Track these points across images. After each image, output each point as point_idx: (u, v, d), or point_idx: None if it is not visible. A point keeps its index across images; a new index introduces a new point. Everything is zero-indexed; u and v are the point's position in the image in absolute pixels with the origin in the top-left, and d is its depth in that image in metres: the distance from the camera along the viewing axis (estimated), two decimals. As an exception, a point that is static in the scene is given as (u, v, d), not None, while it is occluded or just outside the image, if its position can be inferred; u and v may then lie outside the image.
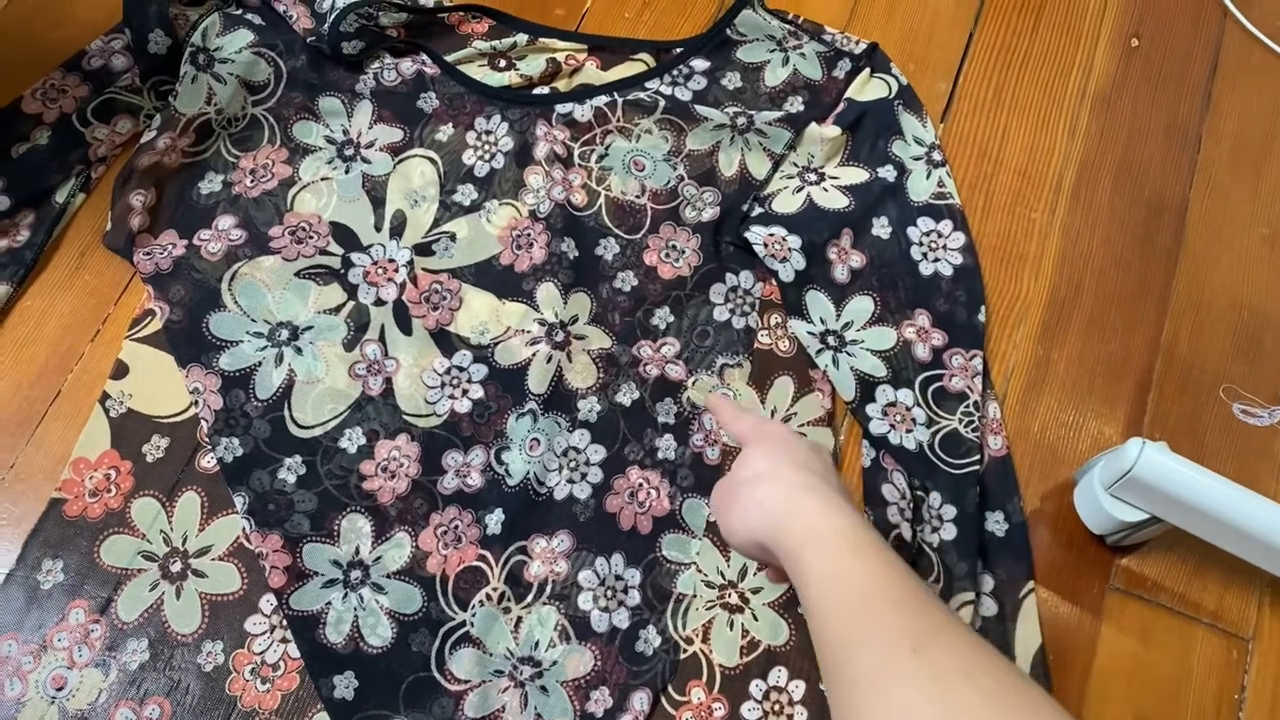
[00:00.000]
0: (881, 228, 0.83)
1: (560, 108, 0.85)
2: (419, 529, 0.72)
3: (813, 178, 0.84)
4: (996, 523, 0.75)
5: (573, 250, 0.80)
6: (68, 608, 0.69)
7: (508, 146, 0.83)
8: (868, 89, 0.87)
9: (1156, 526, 0.71)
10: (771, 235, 0.81)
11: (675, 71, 0.88)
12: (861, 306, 0.80)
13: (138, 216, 0.78)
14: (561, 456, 0.75)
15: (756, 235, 0.81)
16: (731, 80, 0.88)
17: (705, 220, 0.83)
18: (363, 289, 0.78)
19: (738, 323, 0.80)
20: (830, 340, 0.79)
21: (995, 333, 0.82)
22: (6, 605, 0.68)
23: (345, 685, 0.68)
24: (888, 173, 0.84)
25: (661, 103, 0.85)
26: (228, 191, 0.81)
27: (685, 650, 0.71)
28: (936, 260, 0.82)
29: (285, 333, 0.76)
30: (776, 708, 0.70)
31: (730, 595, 0.72)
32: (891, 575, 0.51)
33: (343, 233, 0.80)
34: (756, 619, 0.72)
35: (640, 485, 0.75)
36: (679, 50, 0.89)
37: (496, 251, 0.80)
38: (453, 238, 0.81)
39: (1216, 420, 0.80)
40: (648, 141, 0.85)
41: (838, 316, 0.80)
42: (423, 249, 0.80)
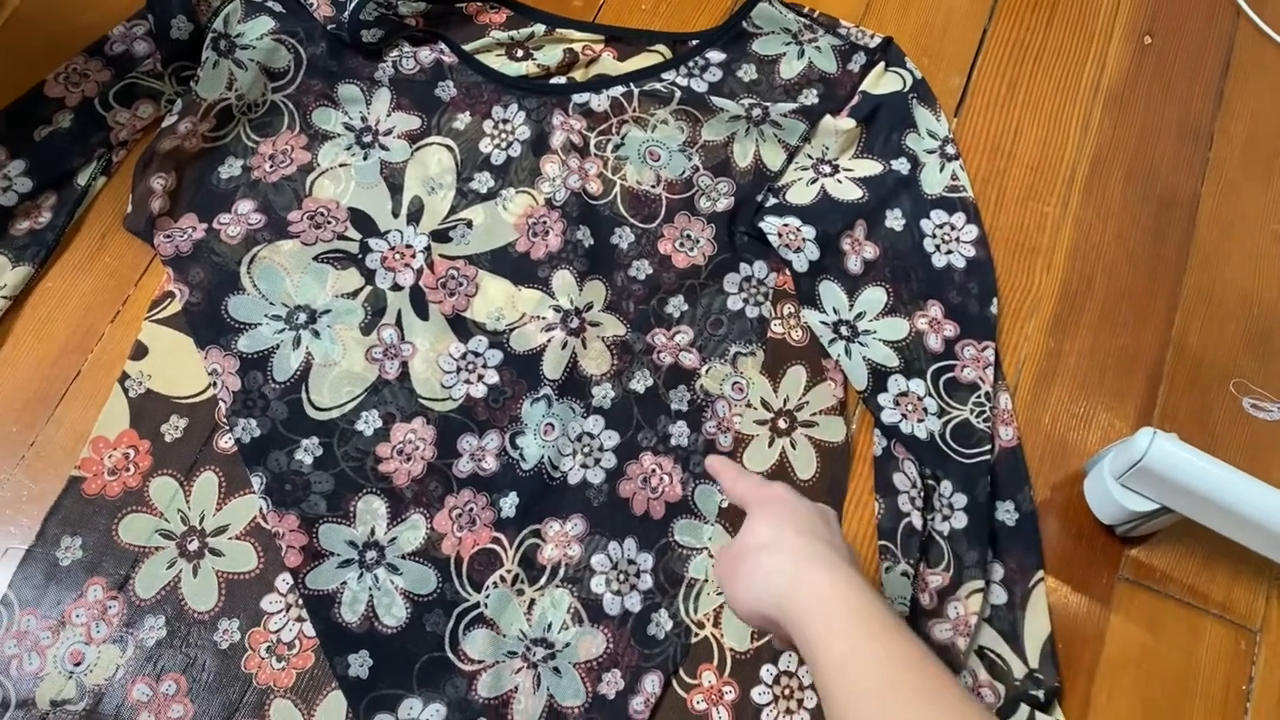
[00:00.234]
0: (895, 220, 0.83)
1: (577, 97, 0.86)
2: (434, 511, 0.73)
3: (827, 169, 0.85)
4: (1007, 512, 0.75)
5: (588, 238, 0.81)
6: (86, 584, 0.69)
7: (524, 135, 0.84)
8: (882, 82, 0.88)
9: (1166, 517, 0.71)
10: (786, 225, 0.81)
11: (691, 63, 0.88)
12: (874, 297, 0.81)
13: (158, 200, 0.79)
14: (575, 441, 0.75)
15: (771, 225, 0.82)
16: (747, 72, 0.89)
17: (720, 210, 0.83)
18: (380, 274, 0.79)
19: (751, 312, 0.80)
20: (843, 330, 0.80)
21: (1007, 325, 0.82)
22: (26, 581, 0.69)
23: (360, 664, 0.68)
24: (901, 165, 0.85)
25: (677, 94, 0.86)
26: (247, 176, 0.81)
27: (697, 634, 0.71)
28: (949, 252, 0.83)
29: (303, 316, 0.77)
30: (786, 692, 0.70)
31: (742, 580, 0.73)
32: (912, 661, 0.49)
33: (361, 218, 0.81)
34: (768, 604, 0.72)
35: (653, 471, 0.75)
36: (695, 42, 0.89)
37: (512, 239, 0.81)
38: (469, 224, 0.81)
39: (1226, 414, 0.81)
40: (663, 132, 0.85)
41: (851, 307, 0.80)
42: (440, 235, 0.81)
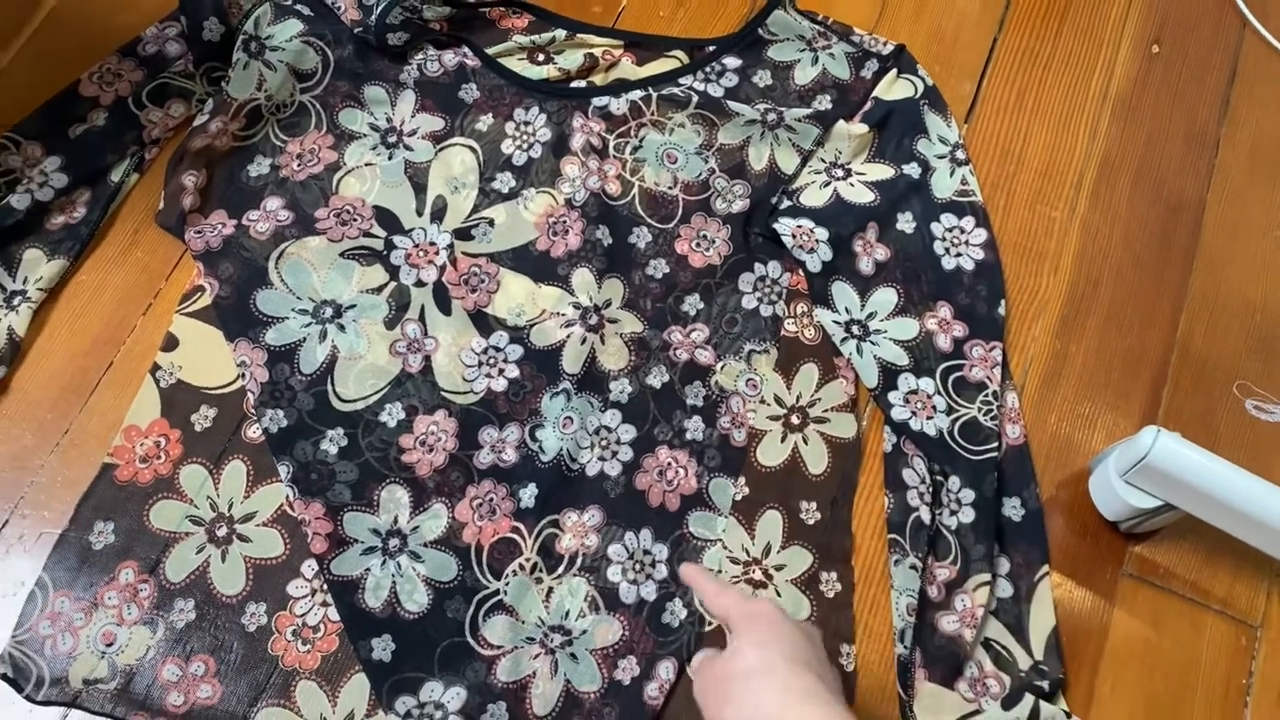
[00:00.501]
0: (906, 222, 0.85)
1: (596, 101, 0.88)
2: (455, 501, 0.75)
3: (840, 173, 0.87)
4: (1013, 508, 0.77)
5: (607, 238, 0.83)
6: (118, 568, 0.71)
7: (545, 137, 0.86)
8: (894, 89, 0.90)
9: (1169, 514, 0.73)
10: (800, 227, 0.83)
11: (708, 68, 0.90)
12: (885, 298, 0.83)
13: (189, 196, 0.81)
14: (594, 435, 0.77)
15: (785, 227, 0.84)
16: (762, 78, 0.91)
17: (735, 212, 0.85)
18: (404, 270, 0.81)
19: (765, 311, 0.83)
20: (855, 329, 0.82)
21: (1015, 326, 0.84)
22: (60, 564, 0.71)
23: (383, 648, 0.70)
24: (913, 170, 0.87)
25: (694, 98, 0.88)
26: (275, 174, 0.84)
27: (710, 623, 0.73)
28: (959, 255, 0.85)
29: (329, 310, 0.79)
30: (797, 680, 0.72)
31: (754, 571, 0.75)
32: None
33: (385, 216, 0.83)
34: (779, 594, 0.74)
35: (669, 464, 0.77)
36: (712, 48, 0.92)
37: (533, 237, 0.83)
38: (491, 223, 0.83)
39: (1229, 415, 0.82)
40: (680, 135, 0.88)
41: (862, 307, 0.82)
42: (462, 233, 0.83)
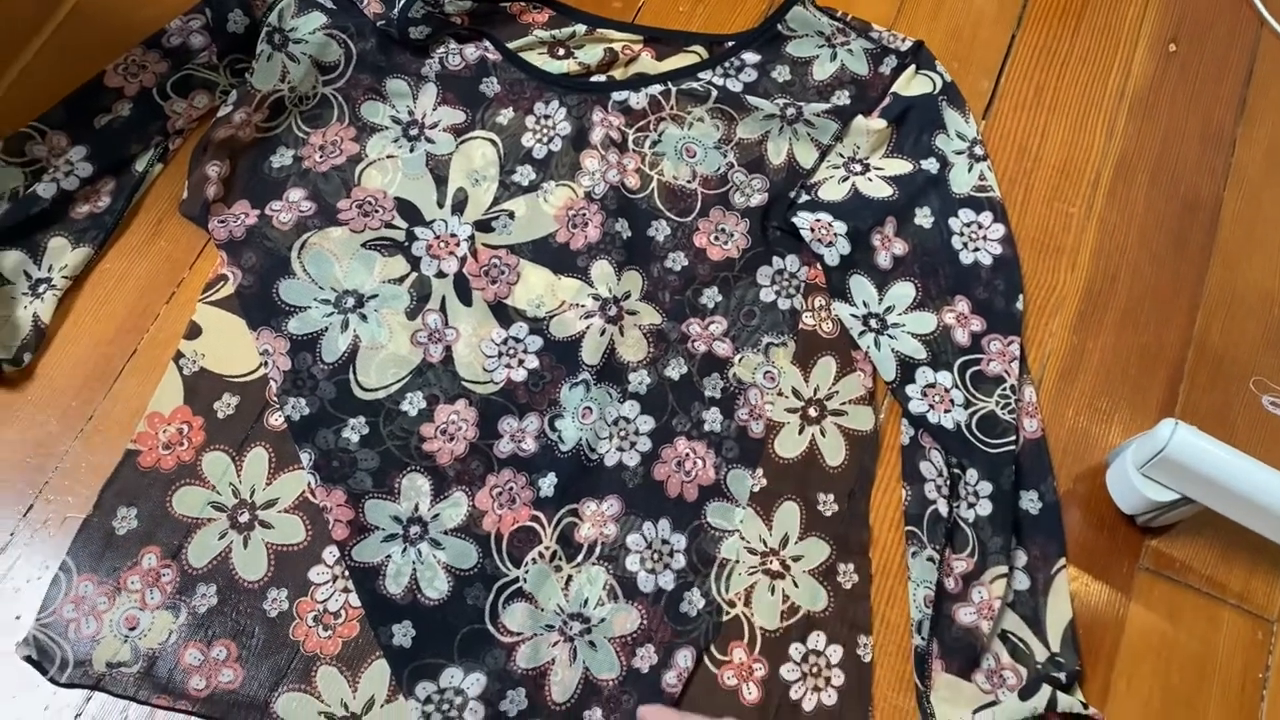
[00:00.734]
0: (924, 217, 0.86)
1: (616, 95, 0.88)
2: (475, 489, 0.75)
3: (858, 168, 0.87)
4: (1031, 501, 0.77)
5: (626, 230, 0.83)
6: (141, 553, 0.72)
7: (565, 131, 0.87)
8: (913, 85, 0.91)
9: (1186, 507, 0.73)
10: (818, 221, 0.84)
11: (727, 64, 0.91)
12: (903, 291, 0.83)
13: (213, 186, 0.82)
14: (612, 425, 0.78)
15: (804, 220, 0.84)
16: (781, 73, 0.91)
17: (754, 205, 0.86)
18: (425, 261, 0.82)
19: (783, 304, 0.83)
20: (872, 323, 0.82)
21: (1032, 321, 0.85)
22: (84, 548, 0.72)
23: (403, 634, 0.71)
24: (930, 165, 0.87)
25: (714, 93, 0.88)
26: (298, 165, 0.84)
27: (728, 612, 0.74)
28: (976, 250, 0.85)
29: (351, 300, 0.80)
30: (815, 670, 0.72)
31: (772, 562, 0.75)
32: None
33: (407, 208, 0.84)
34: (797, 585, 0.74)
35: (687, 455, 0.78)
36: (731, 43, 0.92)
37: (553, 230, 0.84)
38: (511, 215, 0.84)
39: (1246, 410, 0.83)
40: (699, 129, 0.88)
41: (880, 300, 0.83)
42: (483, 225, 0.83)
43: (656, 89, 0.89)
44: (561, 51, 0.91)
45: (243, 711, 0.69)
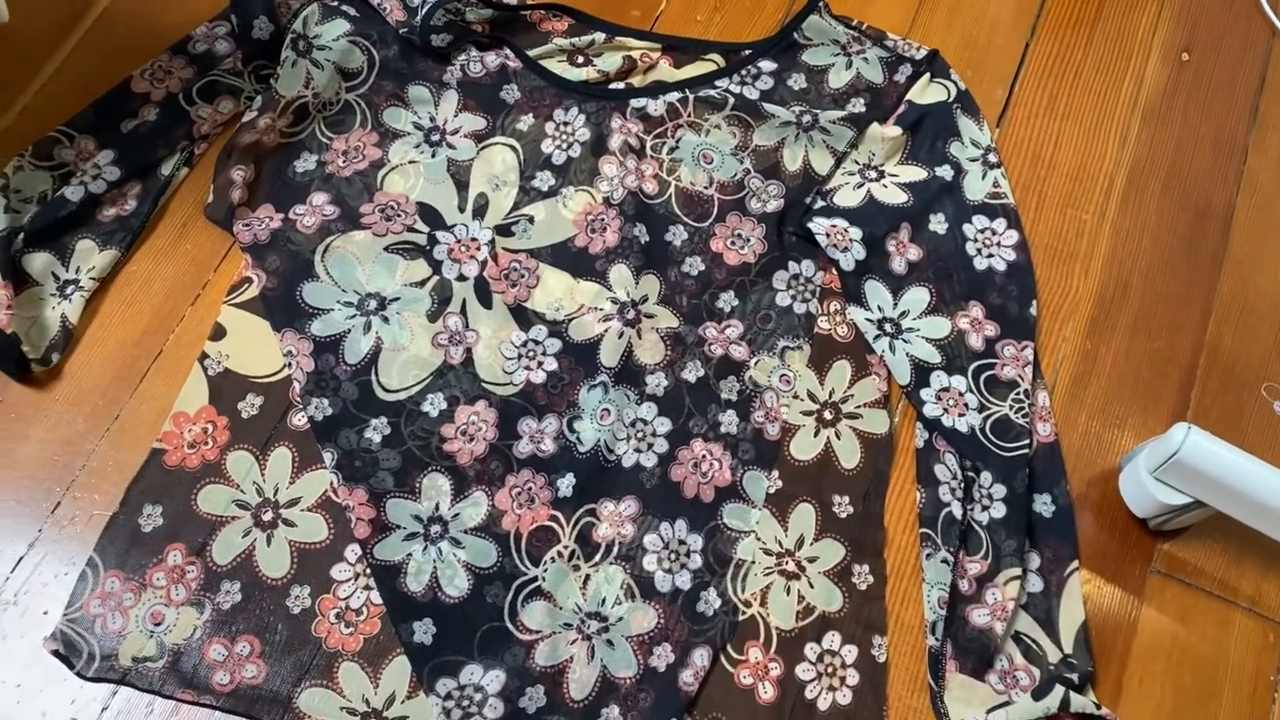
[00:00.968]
0: (938, 223, 0.87)
1: (634, 102, 0.90)
2: (495, 489, 0.76)
3: (873, 174, 0.89)
4: (1044, 504, 0.78)
5: (644, 235, 0.85)
6: (166, 550, 0.73)
7: (584, 137, 0.88)
8: (928, 93, 0.92)
9: (1198, 511, 0.74)
10: (834, 226, 0.85)
11: (744, 71, 0.92)
12: (918, 297, 0.84)
13: (238, 190, 0.83)
14: (630, 427, 0.79)
15: (819, 226, 0.85)
16: (797, 81, 0.92)
17: (770, 211, 0.87)
18: (447, 265, 0.83)
19: (799, 308, 0.84)
20: (887, 327, 0.83)
21: (1046, 326, 0.86)
22: (111, 545, 0.73)
23: (424, 631, 0.72)
24: (945, 172, 0.88)
25: (731, 100, 0.90)
26: (321, 170, 0.86)
27: (744, 612, 0.74)
28: (990, 256, 0.86)
29: (373, 303, 0.81)
30: (830, 670, 0.73)
31: (787, 563, 0.76)
32: None
33: (428, 212, 0.85)
34: (812, 586, 0.75)
35: (704, 457, 0.79)
36: (748, 52, 0.93)
37: (572, 234, 0.85)
38: (531, 220, 0.85)
39: (1258, 416, 0.83)
40: (716, 136, 0.89)
41: (895, 305, 0.84)
42: (503, 229, 0.85)
43: (674, 96, 0.90)
44: (581, 59, 0.92)
45: (266, 706, 0.70)
